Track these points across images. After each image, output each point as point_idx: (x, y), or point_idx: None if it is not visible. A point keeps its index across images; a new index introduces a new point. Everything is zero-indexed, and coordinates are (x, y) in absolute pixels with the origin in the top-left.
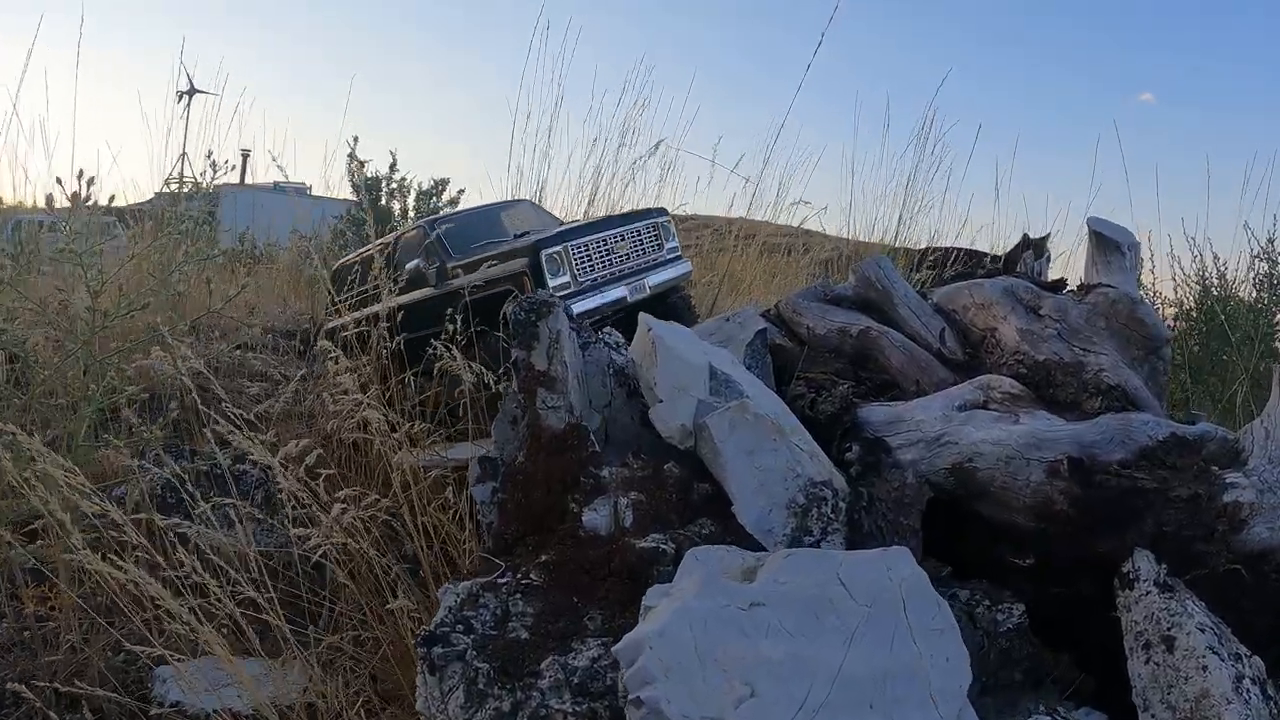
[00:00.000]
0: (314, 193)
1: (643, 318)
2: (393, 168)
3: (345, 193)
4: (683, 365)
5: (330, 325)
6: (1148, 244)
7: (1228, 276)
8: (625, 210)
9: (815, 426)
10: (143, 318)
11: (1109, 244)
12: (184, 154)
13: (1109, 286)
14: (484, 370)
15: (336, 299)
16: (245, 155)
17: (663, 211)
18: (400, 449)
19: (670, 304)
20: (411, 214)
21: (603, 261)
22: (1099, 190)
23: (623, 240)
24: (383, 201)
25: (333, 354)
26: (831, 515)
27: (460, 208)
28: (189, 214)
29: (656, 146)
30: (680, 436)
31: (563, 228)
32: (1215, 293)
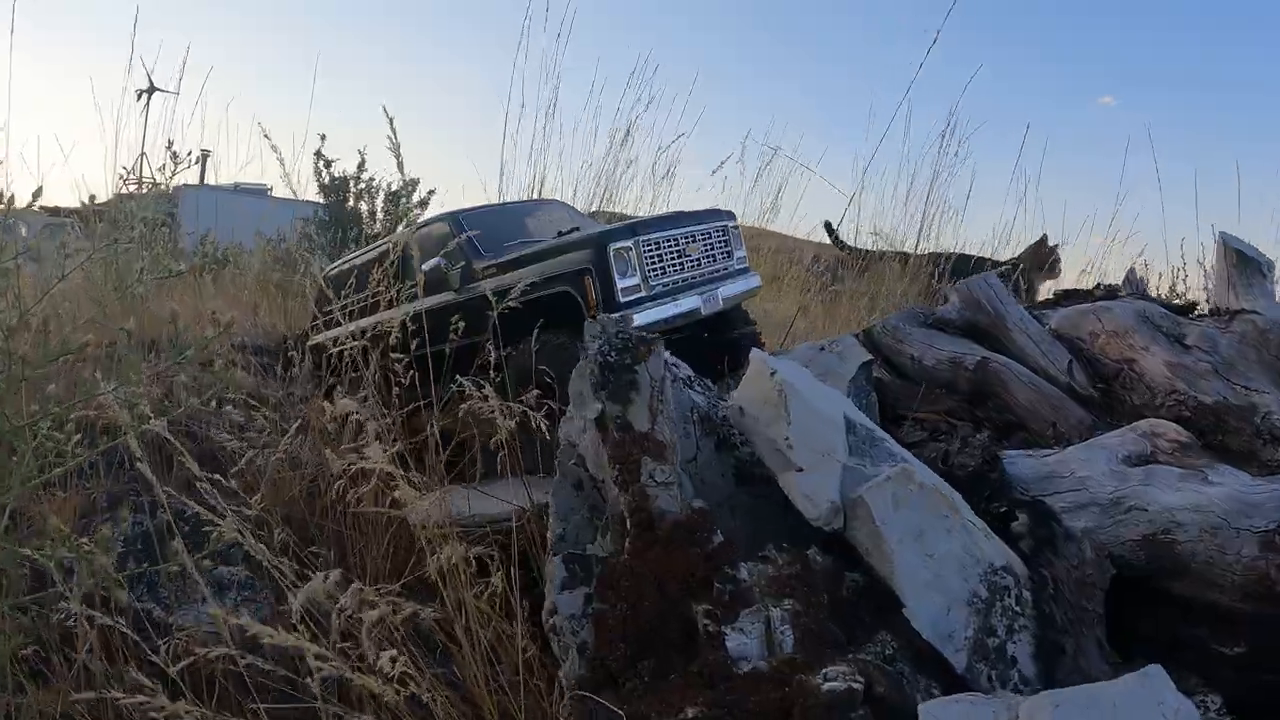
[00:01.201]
0: (278, 194)
1: (759, 357)
2: (361, 167)
3: (314, 193)
4: (821, 421)
5: (314, 340)
6: (1179, 252)
7: None
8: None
9: (951, 485)
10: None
11: (1250, 264)
12: (143, 153)
13: (1255, 313)
14: (523, 409)
15: (324, 309)
16: (205, 155)
17: (731, 215)
18: (445, 542)
19: (736, 337)
20: (380, 215)
21: (674, 264)
22: (1126, 195)
23: (694, 241)
24: (350, 203)
25: (345, 415)
26: (1017, 609)
27: (482, 204)
28: (141, 212)
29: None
30: (828, 516)
31: (631, 220)
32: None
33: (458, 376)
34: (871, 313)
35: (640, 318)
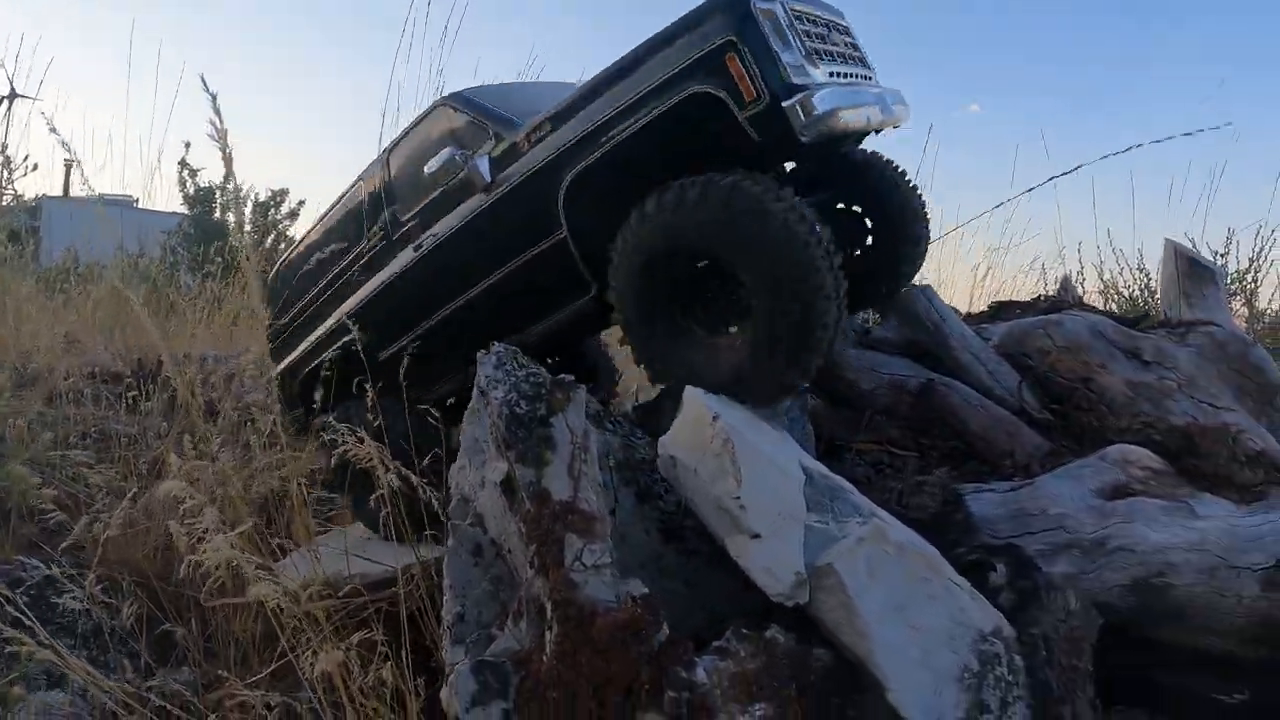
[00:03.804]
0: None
1: (695, 396)
2: (227, 177)
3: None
4: (777, 475)
5: (291, 359)
6: (1076, 254)
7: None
8: None
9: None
10: None
11: (1202, 273)
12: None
13: (1212, 324)
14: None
15: (288, 317)
16: (69, 165)
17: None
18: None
19: (917, 236)
20: (248, 227)
21: (824, 50)
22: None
23: (840, 32)
24: (217, 214)
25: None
26: (1010, 679)
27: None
28: None
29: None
30: (792, 591)
31: None
32: (1147, 308)
33: (331, 419)
34: None
35: (825, 101)
